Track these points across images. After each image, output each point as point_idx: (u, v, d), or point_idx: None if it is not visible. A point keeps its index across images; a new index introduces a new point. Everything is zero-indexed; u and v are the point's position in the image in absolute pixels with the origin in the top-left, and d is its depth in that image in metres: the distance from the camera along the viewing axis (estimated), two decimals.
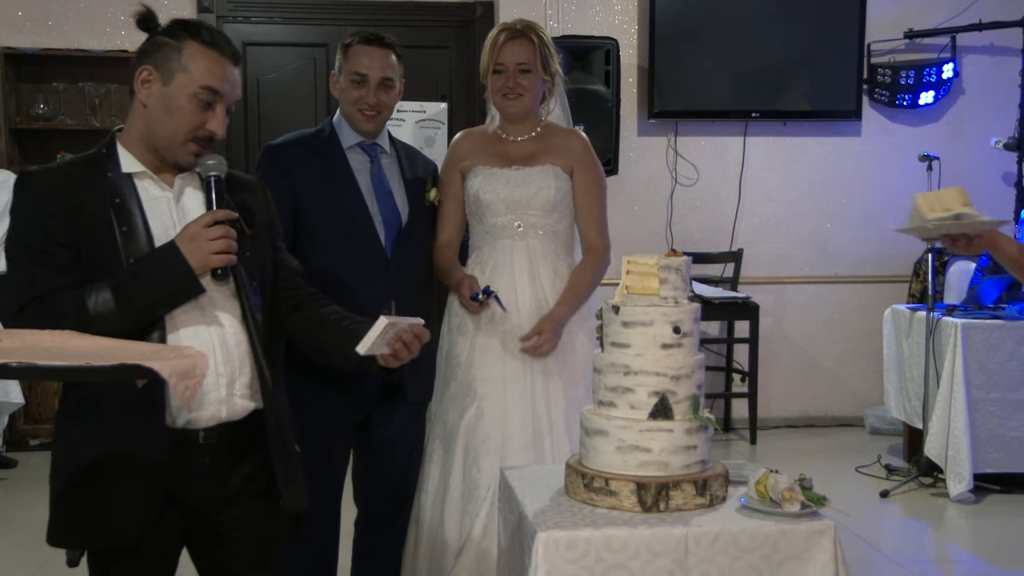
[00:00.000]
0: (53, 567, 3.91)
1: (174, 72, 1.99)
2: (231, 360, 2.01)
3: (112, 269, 1.94)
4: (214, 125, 2.02)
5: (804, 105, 6.25)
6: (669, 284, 2.16)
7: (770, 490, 2.08)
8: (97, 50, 5.89)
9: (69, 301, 1.91)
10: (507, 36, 2.96)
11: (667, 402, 2.10)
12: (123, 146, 2.06)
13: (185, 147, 2.02)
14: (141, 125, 2.04)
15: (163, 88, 2.00)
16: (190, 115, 2.00)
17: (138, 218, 1.99)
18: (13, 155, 5.85)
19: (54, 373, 1.80)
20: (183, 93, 1.99)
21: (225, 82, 2.01)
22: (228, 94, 2.03)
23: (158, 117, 2.01)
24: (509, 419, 2.87)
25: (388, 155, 2.98)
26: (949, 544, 4.40)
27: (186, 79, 1.99)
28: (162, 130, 2.01)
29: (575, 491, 2.16)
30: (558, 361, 2.92)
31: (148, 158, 2.05)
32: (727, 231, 6.34)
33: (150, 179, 2.04)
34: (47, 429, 5.73)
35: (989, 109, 6.37)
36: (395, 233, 2.91)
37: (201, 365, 1.70)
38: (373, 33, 2.90)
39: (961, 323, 4.73)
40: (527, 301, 2.93)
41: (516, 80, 2.94)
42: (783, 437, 6.15)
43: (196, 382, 1.68)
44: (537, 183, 2.95)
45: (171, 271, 1.93)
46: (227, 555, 2.13)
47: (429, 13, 6.28)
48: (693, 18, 6.09)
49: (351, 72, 2.86)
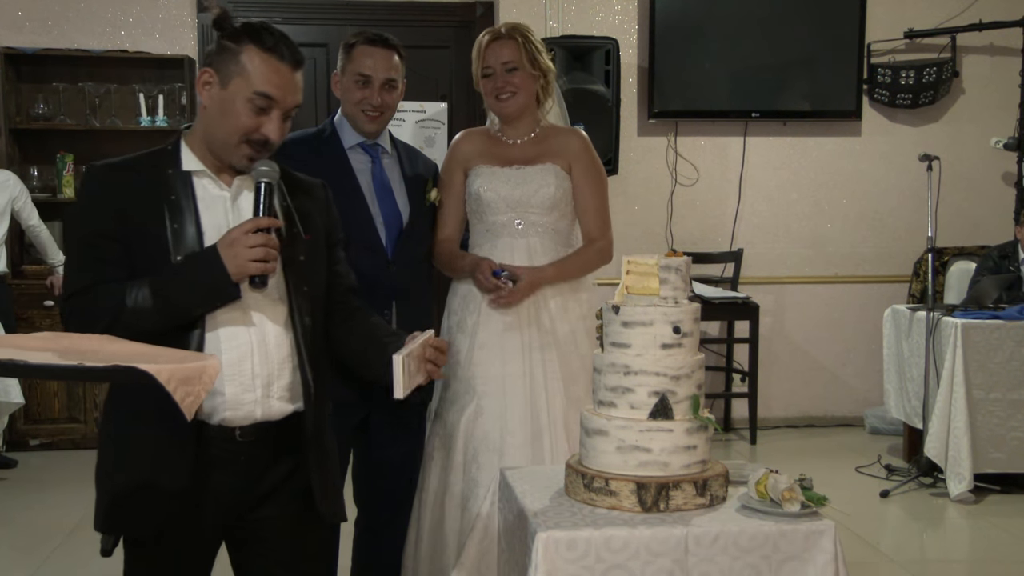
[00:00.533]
0: (53, 567, 3.92)
1: (232, 76, 2.01)
2: (269, 362, 2.03)
3: (160, 265, 1.97)
4: (268, 130, 2.03)
5: (804, 105, 6.25)
6: (669, 284, 2.16)
7: (770, 490, 2.08)
8: (97, 50, 5.89)
9: (110, 294, 1.95)
10: (490, 38, 2.98)
11: (667, 402, 2.10)
12: (187, 145, 2.09)
13: (239, 149, 2.03)
14: (202, 125, 2.07)
15: (221, 91, 2.02)
16: (244, 119, 2.01)
17: (191, 216, 2.02)
18: (13, 155, 5.85)
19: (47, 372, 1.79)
20: (239, 97, 2.00)
21: (281, 89, 2.02)
22: (285, 100, 2.03)
23: (215, 119, 2.04)
24: (508, 417, 2.87)
25: (389, 155, 2.98)
26: (949, 544, 4.40)
27: (242, 84, 2.00)
28: (217, 132, 2.04)
29: (575, 491, 2.16)
30: (558, 358, 2.92)
31: (209, 158, 2.07)
32: (727, 231, 6.34)
33: (209, 178, 2.07)
34: (47, 429, 5.74)
35: (989, 109, 6.38)
36: (396, 233, 2.91)
37: (210, 372, 1.69)
38: (377, 34, 2.90)
39: (961, 323, 4.73)
40: (527, 298, 2.93)
41: (505, 79, 2.94)
42: (783, 437, 6.15)
43: (201, 388, 1.67)
44: (537, 181, 2.95)
45: (208, 275, 1.95)
46: (258, 553, 2.14)
47: (429, 13, 6.29)
48: (693, 18, 6.09)
49: (355, 73, 2.86)
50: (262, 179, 2.03)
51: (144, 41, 5.98)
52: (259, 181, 2.03)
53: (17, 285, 5.67)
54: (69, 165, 5.91)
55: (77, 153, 5.94)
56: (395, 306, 2.86)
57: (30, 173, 5.91)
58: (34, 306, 5.70)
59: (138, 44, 5.97)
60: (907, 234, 6.34)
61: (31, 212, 5.46)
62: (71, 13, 5.96)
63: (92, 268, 1.98)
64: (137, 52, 5.91)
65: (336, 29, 6.11)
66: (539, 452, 2.86)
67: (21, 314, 5.60)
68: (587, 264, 3.03)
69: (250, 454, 2.05)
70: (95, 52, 5.87)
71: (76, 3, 5.96)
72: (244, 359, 2.01)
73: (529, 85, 2.97)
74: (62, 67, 5.93)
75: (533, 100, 3.01)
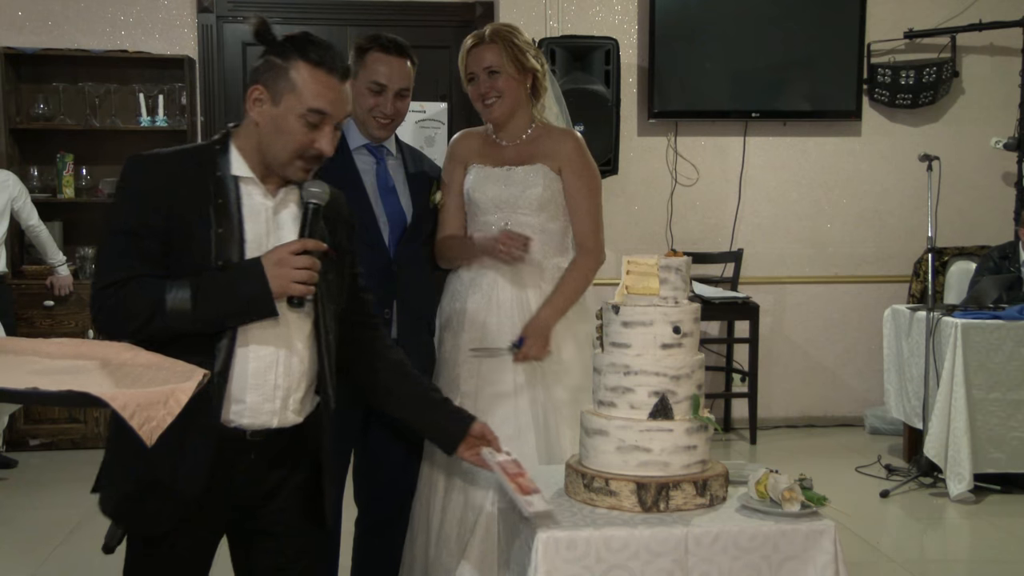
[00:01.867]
0: (53, 567, 3.92)
1: (283, 93, 2.00)
2: (291, 375, 2.05)
3: (201, 267, 1.96)
4: (323, 144, 2.02)
5: (804, 105, 6.25)
6: (669, 284, 2.16)
7: (770, 490, 2.08)
8: (97, 50, 5.89)
9: (148, 289, 1.94)
10: (473, 43, 2.97)
11: (667, 402, 2.10)
12: (236, 148, 2.07)
13: (293, 165, 2.03)
14: (254, 140, 2.06)
15: (273, 109, 2.01)
16: (299, 136, 2.00)
17: (235, 222, 2.01)
18: (13, 155, 5.85)
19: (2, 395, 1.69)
20: (291, 114, 2.00)
21: (334, 104, 2.01)
22: (337, 114, 2.03)
23: (269, 137, 2.02)
24: (490, 415, 2.86)
25: (394, 157, 3.00)
26: (949, 544, 4.40)
27: (294, 101, 1.99)
28: (272, 149, 2.03)
29: (575, 491, 2.16)
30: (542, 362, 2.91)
31: (258, 165, 2.06)
32: (727, 231, 6.34)
33: (255, 185, 2.06)
34: (47, 429, 5.74)
35: (989, 109, 6.38)
36: (399, 234, 2.91)
37: (178, 395, 1.66)
38: (391, 40, 2.88)
39: (961, 323, 4.73)
40: (507, 296, 2.92)
41: (489, 84, 2.93)
42: (783, 437, 6.15)
43: (166, 413, 1.64)
44: (524, 182, 2.94)
45: (249, 289, 1.95)
46: (260, 551, 2.15)
47: (429, 13, 6.29)
48: (693, 18, 6.09)
49: (369, 80, 2.85)
50: (312, 200, 2.03)
51: (144, 41, 5.98)
52: (308, 202, 2.03)
53: (17, 285, 5.66)
54: (69, 165, 5.91)
55: (77, 153, 5.94)
56: (396, 305, 2.87)
57: (30, 173, 5.91)
58: (34, 306, 5.70)
59: (138, 44, 5.97)
60: (907, 234, 6.34)
61: (30, 212, 5.46)
62: (71, 13, 5.96)
63: (130, 260, 1.96)
64: (137, 52, 5.91)
65: (336, 29, 6.11)
66: (523, 450, 2.84)
67: (21, 314, 5.59)
68: (582, 282, 2.98)
69: (258, 453, 2.07)
70: (95, 52, 5.87)
71: (76, 3, 5.96)
72: (269, 370, 2.02)
73: (514, 88, 2.94)
74: (62, 67, 5.93)
75: (521, 102, 2.98)
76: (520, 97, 2.97)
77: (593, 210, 3.01)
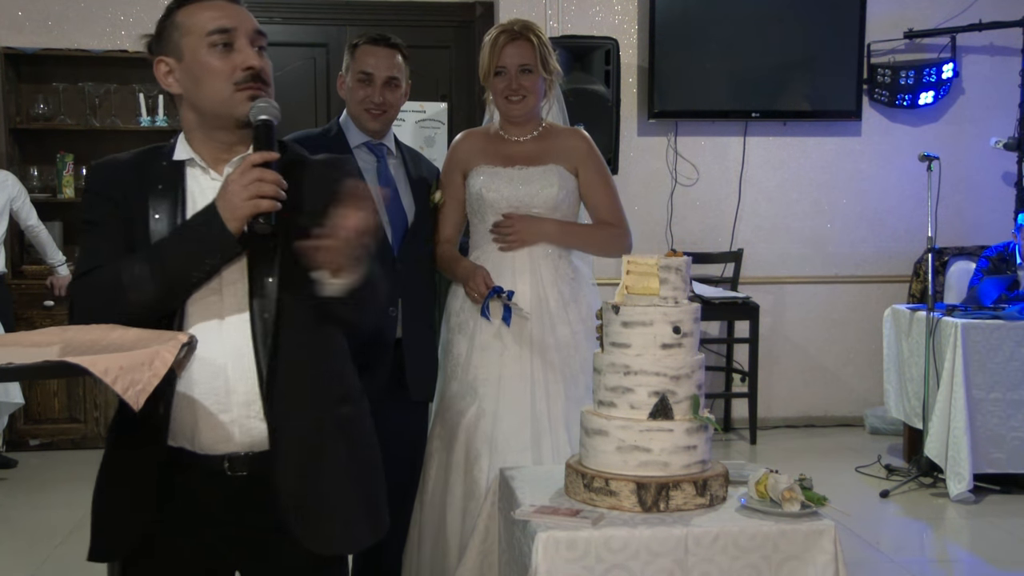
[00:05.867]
0: (53, 567, 3.92)
1: (179, 43, 1.92)
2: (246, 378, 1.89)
3: None
4: (245, 58, 1.90)
5: (804, 105, 6.25)
6: (669, 284, 2.16)
7: (770, 490, 2.08)
8: (97, 50, 5.89)
9: (108, 272, 1.89)
10: (507, 38, 2.96)
11: (667, 402, 2.10)
12: (184, 137, 2.02)
13: (235, 98, 1.90)
14: (190, 113, 1.98)
15: (181, 64, 1.93)
16: (218, 65, 1.89)
17: (177, 207, 1.95)
18: (13, 155, 5.86)
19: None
20: (199, 52, 1.90)
21: (228, 16, 1.91)
22: (240, 25, 1.92)
23: (196, 91, 1.93)
24: (509, 419, 2.87)
25: (395, 156, 3.01)
26: (949, 544, 4.40)
27: (193, 39, 1.91)
28: (205, 99, 1.93)
29: (575, 491, 2.16)
30: (559, 359, 2.92)
31: (202, 147, 1.99)
32: (727, 231, 6.34)
33: (199, 167, 1.98)
34: (47, 429, 5.74)
35: (989, 109, 6.38)
36: (401, 233, 2.92)
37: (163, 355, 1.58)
38: (380, 34, 2.95)
39: (961, 323, 4.73)
40: (528, 298, 2.93)
41: (519, 82, 2.94)
42: (783, 437, 6.15)
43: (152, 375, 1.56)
44: (540, 182, 2.95)
45: (200, 225, 1.84)
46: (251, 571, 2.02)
47: (429, 13, 6.29)
48: (693, 18, 6.09)
49: (358, 72, 2.91)
50: (260, 116, 1.86)
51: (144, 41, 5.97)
52: (256, 120, 1.86)
53: (17, 285, 5.67)
54: (69, 165, 5.91)
55: (77, 153, 5.94)
56: (400, 304, 2.88)
57: (30, 173, 5.91)
58: (34, 306, 5.70)
59: (138, 44, 5.92)
60: (907, 234, 6.34)
61: (30, 212, 5.46)
62: (71, 13, 5.96)
63: (95, 253, 1.94)
64: (137, 52, 5.89)
65: (336, 29, 6.11)
66: (540, 454, 2.85)
67: (21, 314, 5.59)
68: (593, 237, 3.01)
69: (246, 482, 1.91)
70: (95, 52, 5.87)
71: (76, 3, 5.96)
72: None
73: (540, 88, 2.98)
74: (62, 67, 5.94)
75: (540, 102, 3.01)
76: (541, 97, 3.00)
77: (614, 199, 3.05)
